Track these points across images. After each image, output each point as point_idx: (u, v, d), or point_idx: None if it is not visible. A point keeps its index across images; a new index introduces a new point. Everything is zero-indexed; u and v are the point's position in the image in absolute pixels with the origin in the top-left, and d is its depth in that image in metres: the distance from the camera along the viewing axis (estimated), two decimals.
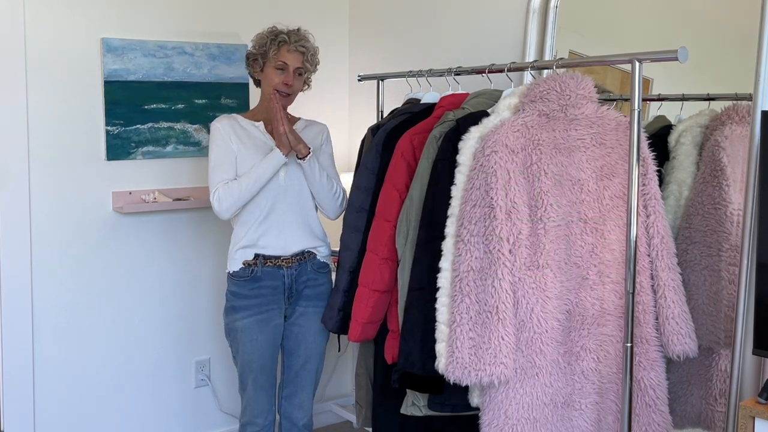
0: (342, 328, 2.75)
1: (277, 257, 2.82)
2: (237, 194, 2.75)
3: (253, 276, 2.81)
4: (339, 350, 2.99)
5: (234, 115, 2.93)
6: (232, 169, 2.80)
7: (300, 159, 2.79)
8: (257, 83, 2.96)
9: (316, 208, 2.92)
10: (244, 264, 2.82)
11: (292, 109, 2.99)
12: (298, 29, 2.88)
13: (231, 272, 2.85)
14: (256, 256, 2.82)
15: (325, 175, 2.85)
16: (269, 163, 2.77)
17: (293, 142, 2.76)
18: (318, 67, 2.95)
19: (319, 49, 2.93)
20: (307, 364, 2.89)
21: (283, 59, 2.82)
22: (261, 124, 2.87)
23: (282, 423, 2.95)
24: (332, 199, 2.88)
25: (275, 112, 2.75)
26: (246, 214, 2.82)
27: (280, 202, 2.82)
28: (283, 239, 2.83)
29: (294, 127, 2.90)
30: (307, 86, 2.96)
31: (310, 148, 2.80)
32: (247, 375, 2.87)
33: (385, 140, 2.68)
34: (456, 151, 2.31)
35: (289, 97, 2.87)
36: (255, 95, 3.44)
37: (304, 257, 2.85)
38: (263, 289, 2.83)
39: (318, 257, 2.89)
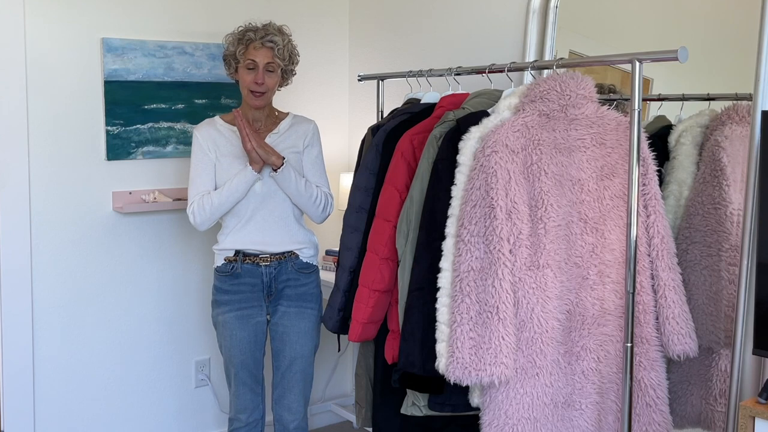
0: (342, 328, 2.75)
1: (256, 255, 2.84)
2: (209, 211, 2.80)
3: (234, 272, 2.86)
4: (339, 350, 2.99)
5: (215, 118, 2.93)
6: (210, 180, 2.84)
7: (273, 171, 2.76)
8: (237, 83, 2.94)
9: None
10: (225, 260, 2.88)
11: (281, 104, 2.98)
12: (268, 24, 2.84)
13: (215, 267, 2.92)
14: (237, 252, 2.85)
15: (303, 182, 2.81)
16: (241, 180, 2.77)
17: (264, 156, 2.72)
18: (297, 59, 2.92)
19: (293, 41, 2.88)
20: (292, 366, 2.88)
21: (251, 57, 2.79)
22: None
23: (275, 425, 2.95)
24: (312, 205, 2.85)
25: (240, 128, 2.70)
26: (227, 220, 2.87)
27: (260, 209, 2.83)
28: (263, 242, 2.84)
29: (282, 124, 2.89)
30: (286, 82, 2.93)
31: (283, 159, 2.76)
32: (230, 369, 2.92)
33: (385, 140, 2.68)
34: (456, 151, 2.31)
35: (264, 95, 2.82)
36: None
37: (285, 257, 2.85)
38: (243, 286, 2.86)
39: (301, 258, 2.88)
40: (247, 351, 2.87)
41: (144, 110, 3.27)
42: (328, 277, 3.36)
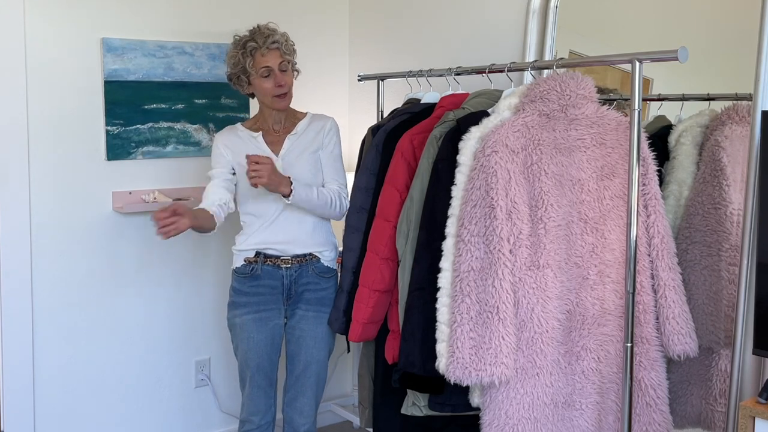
0: (348, 329, 2.75)
1: (277, 257, 2.82)
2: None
3: (253, 274, 2.83)
4: (348, 351, 2.99)
5: (237, 125, 2.93)
6: (222, 186, 2.83)
7: (286, 198, 2.71)
8: (252, 96, 2.93)
9: None
10: (245, 261, 2.85)
11: (296, 104, 2.98)
12: (261, 27, 2.82)
13: (234, 268, 2.89)
14: (257, 254, 2.82)
15: (314, 192, 2.75)
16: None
17: (272, 187, 2.66)
18: (295, 48, 2.91)
19: (287, 33, 2.87)
20: (307, 370, 2.86)
21: (263, 64, 2.77)
22: (260, 134, 2.87)
23: (284, 427, 2.95)
24: (330, 211, 2.82)
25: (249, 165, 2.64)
26: (250, 221, 2.85)
27: (285, 210, 2.81)
28: (286, 242, 2.82)
29: (299, 125, 2.88)
30: (296, 73, 2.92)
31: (291, 184, 2.68)
32: (245, 372, 2.89)
33: (385, 140, 2.68)
34: (456, 151, 2.32)
35: (287, 95, 2.83)
36: None
37: (306, 259, 2.84)
38: (262, 288, 2.83)
39: (322, 261, 2.87)
40: (263, 354, 2.85)
41: (144, 110, 3.27)
42: None
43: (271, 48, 2.78)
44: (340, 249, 2.98)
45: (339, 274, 2.91)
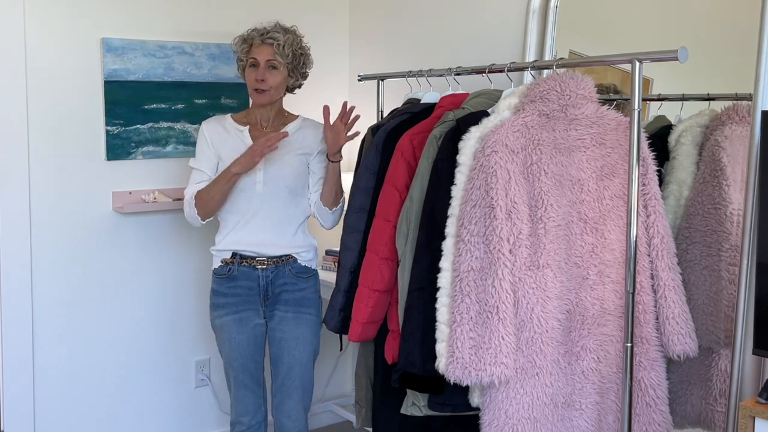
0: (343, 328, 2.74)
1: (253, 257, 2.82)
2: (188, 211, 2.85)
3: (230, 275, 2.83)
4: (341, 349, 2.99)
5: (226, 116, 2.93)
6: (207, 175, 2.83)
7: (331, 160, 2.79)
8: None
9: (306, 216, 2.91)
10: (222, 262, 2.85)
11: (291, 106, 2.98)
12: (275, 24, 2.84)
13: (213, 269, 2.90)
14: (234, 255, 2.82)
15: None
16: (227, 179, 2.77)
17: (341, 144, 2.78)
18: (306, 60, 2.90)
19: (301, 41, 2.88)
20: (291, 372, 2.85)
21: (253, 55, 2.80)
22: (246, 128, 2.86)
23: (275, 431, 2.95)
24: (340, 205, 2.87)
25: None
26: (226, 219, 2.85)
27: (261, 210, 2.81)
28: (261, 243, 2.82)
29: (290, 126, 2.88)
30: (297, 83, 2.91)
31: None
32: (230, 373, 2.90)
33: (385, 140, 2.68)
34: (456, 151, 2.31)
35: (266, 93, 2.80)
36: None
37: (282, 260, 2.84)
38: (239, 289, 2.83)
39: (299, 261, 2.86)
40: (246, 354, 2.85)
41: (144, 110, 3.27)
42: (329, 277, 3.36)
43: (265, 42, 2.79)
44: (324, 248, 2.98)
45: (321, 271, 2.91)
